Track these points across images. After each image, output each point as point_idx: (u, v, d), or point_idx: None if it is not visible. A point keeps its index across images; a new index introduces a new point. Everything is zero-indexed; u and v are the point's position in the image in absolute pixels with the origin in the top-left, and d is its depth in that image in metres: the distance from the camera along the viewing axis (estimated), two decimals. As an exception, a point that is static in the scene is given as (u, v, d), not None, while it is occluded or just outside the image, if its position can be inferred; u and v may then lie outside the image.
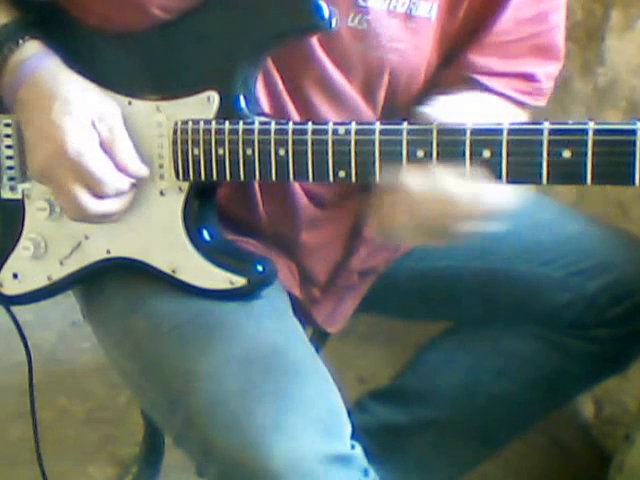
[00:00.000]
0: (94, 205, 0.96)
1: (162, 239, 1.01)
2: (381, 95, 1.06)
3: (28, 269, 1.07)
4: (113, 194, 0.96)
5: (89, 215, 0.97)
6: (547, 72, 1.11)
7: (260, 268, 1.00)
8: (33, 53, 0.98)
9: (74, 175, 0.95)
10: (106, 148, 0.96)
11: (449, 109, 0.98)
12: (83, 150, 0.94)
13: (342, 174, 0.91)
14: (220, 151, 0.95)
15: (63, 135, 0.94)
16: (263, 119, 0.94)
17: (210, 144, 0.95)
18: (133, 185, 0.98)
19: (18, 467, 1.60)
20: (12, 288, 1.09)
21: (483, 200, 0.89)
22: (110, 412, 1.83)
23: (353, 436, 0.96)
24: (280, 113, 1.02)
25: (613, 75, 1.72)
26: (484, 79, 1.08)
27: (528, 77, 1.10)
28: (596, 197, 1.72)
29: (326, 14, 0.91)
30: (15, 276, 1.08)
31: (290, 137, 0.92)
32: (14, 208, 1.07)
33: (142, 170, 0.98)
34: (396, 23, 1.01)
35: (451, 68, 1.09)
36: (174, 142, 0.98)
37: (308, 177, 0.92)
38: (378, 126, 0.89)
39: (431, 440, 1.27)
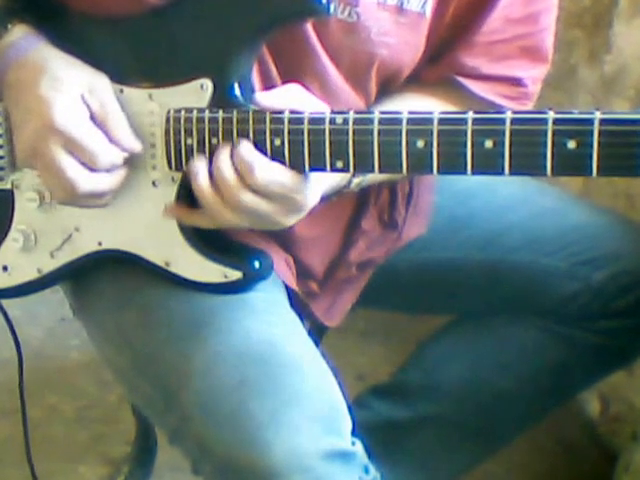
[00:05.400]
0: (84, 179, 0.92)
1: (155, 231, 0.99)
2: (372, 88, 1.04)
3: (18, 261, 1.05)
4: (106, 167, 0.93)
5: (78, 192, 0.93)
6: (534, 76, 1.10)
7: (255, 261, 0.98)
8: (21, 36, 0.96)
9: (64, 148, 0.91)
10: (97, 121, 0.93)
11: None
12: (72, 123, 0.91)
13: (340, 165, 0.89)
14: (214, 141, 0.92)
15: (51, 109, 0.91)
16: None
17: (204, 134, 0.93)
18: (126, 161, 0.95)
19: (6, 467, 1.59)
20: (2, 281, 1.07)
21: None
22: (101, 410, 1.81)
23: (353, 432, 0.95)
24: None
25: (621, 63, 1.70)
26: (468, 82, 1.06)
27: (515, 81, 1.08)
28: (603, 189, 1.70)
29: None
30: (5, 268, 1.06)
31: (286, 127, 0.89)
32: (3, 199, 1.05)
33: (136, 144, 0.95)
34: (386, 16, 0.99)
35: (438, 66, 1.07)
36: (167, 132, 0.95)
37: (305, 168, 0.90)
38: (377, 115, 0.87)
39: (432, 436, 1.26)
